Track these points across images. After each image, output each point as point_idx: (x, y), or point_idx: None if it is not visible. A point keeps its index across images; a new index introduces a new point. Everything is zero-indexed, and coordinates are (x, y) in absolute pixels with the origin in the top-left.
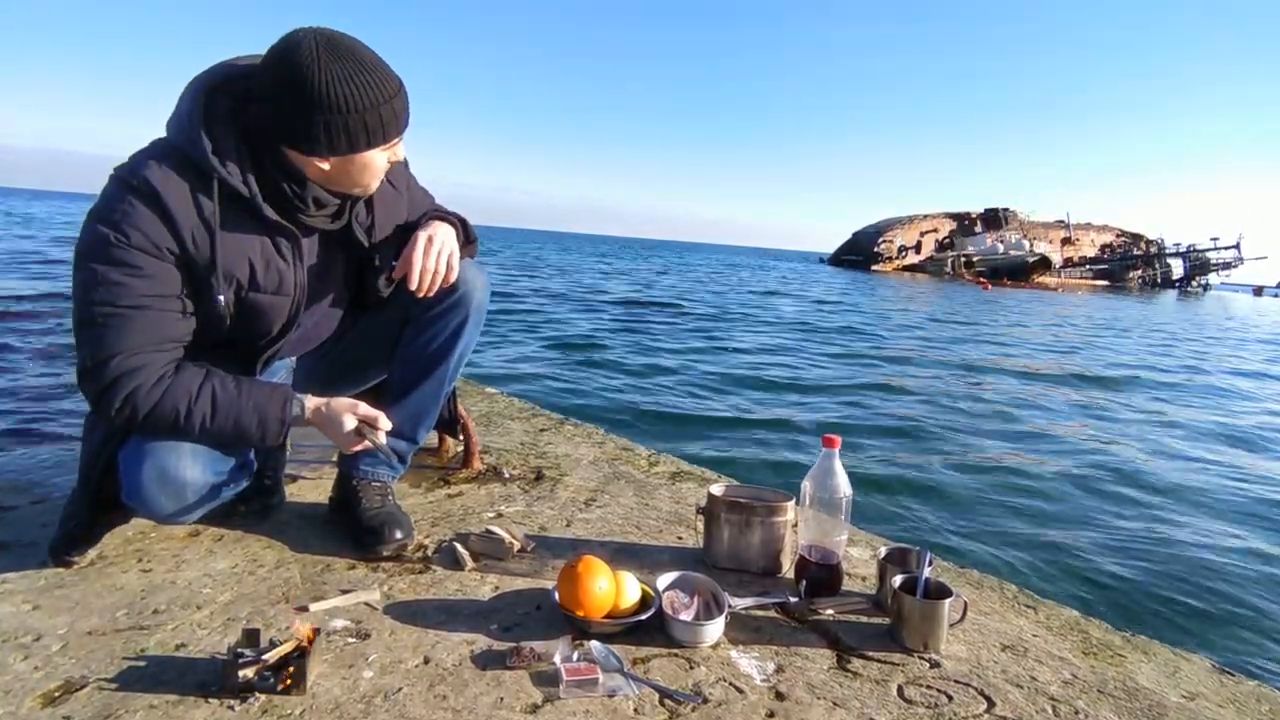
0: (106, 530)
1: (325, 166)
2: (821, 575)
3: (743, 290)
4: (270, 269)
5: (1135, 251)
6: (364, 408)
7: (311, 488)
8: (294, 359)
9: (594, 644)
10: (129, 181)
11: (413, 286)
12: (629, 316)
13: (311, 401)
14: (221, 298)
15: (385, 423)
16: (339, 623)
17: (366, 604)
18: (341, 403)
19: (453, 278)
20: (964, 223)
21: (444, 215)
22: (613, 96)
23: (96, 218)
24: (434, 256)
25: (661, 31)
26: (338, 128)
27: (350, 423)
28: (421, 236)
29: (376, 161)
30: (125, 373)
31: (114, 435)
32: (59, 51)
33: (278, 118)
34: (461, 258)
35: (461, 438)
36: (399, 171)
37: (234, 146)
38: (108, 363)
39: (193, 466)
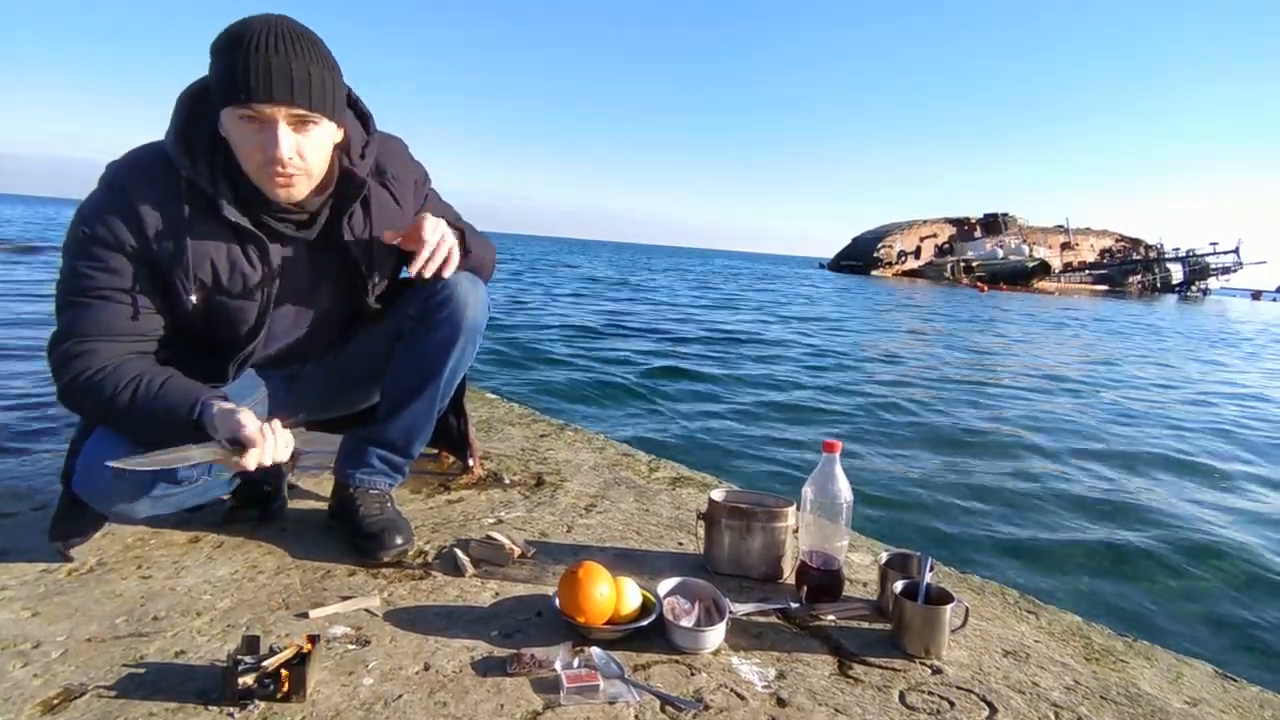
0: (88, 522)
1: (224, 131)
2: (823, 581)
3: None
4: (235, 273)
5: (1135, 256)
6: (247, 430)
7: (312, 494)
8: (295, 371)
9: (594, 650)
10: (106, 178)
11: (418, 261)
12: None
13: (221, 405)
14: (193, 297)
15: (251, 459)
16: (339, 629)
17: (367, 610)
18: (242, 417)
19: (448, 271)
20: (963, 228)
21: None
22: (593, 96)
23: (78, 212)
24: (437, 234)
25: (645, 31)
26: (216, 66)
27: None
28: (426, 216)
29: (252, 135)
30: (76, 355)
31: (88, 426)
32: (58, 53)
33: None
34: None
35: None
36: (407, 191)
37: (207, 148)
38: (62, 345)
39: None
